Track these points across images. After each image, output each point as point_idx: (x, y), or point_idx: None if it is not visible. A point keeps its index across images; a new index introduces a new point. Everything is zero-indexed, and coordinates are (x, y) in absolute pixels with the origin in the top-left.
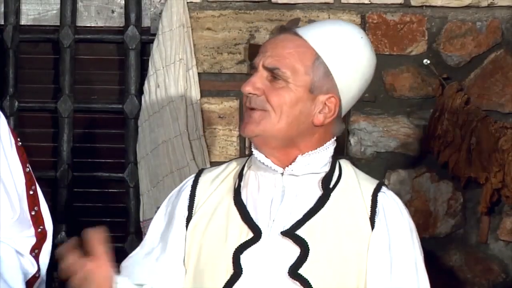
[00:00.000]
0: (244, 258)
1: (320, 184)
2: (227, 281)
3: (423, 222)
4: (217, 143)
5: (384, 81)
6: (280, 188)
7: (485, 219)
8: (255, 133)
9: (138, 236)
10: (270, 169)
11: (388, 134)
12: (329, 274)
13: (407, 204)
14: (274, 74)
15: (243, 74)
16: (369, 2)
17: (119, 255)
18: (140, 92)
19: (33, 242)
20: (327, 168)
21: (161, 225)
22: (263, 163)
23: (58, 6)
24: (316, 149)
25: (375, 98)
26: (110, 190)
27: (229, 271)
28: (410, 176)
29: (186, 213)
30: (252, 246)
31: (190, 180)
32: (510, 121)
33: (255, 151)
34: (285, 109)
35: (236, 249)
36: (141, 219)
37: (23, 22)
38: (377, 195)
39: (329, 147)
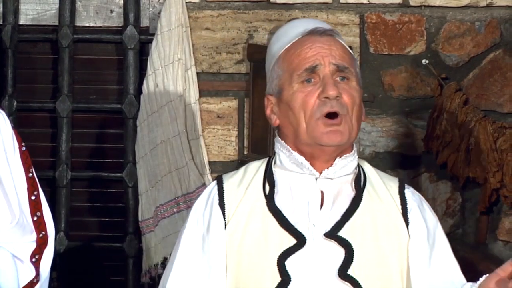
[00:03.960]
0: (289, 264)
1: (353, 185)
2: None
3: None
4: (215, 143)
5: (382, 81)
6: (316, 192)
7: (483, 219)
8: (343, 141)
9: (137, 236)
10: (305, 173)
11: (387, 134)
12: (374, 272)
13: None
14: (343, 74)
15: (241, 74)
16: (368, 2)
17: (118, 255)
18: (139, 92)
19: (33, 248)
20: (356, 170)
21: (198, 238)
22: (305, 167)
23: (57, 6)
24: (352, 151)
25: (373, 98)
26: (108, 190)
27: (276, 279)
28: (409, 176)
29: (223, 222)
30: (296, 252)
31: (214, 189)
32: (508, 121)
33: (295, 154)
34: (355, 109)
35: (279, 256)
36: (139, 219)
37: (21, 22)
38: (404, 193)
39: (355, 148)
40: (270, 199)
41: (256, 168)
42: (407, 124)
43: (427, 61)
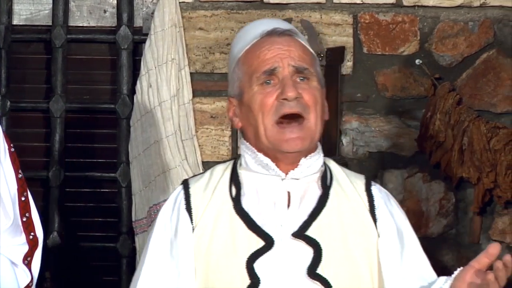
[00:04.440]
0: (258, 266)
1: (320, 184)
2: None
3: (415, 222)
4: (209, 143)
5: (376, 81)
6: (282, 192)
7: (477, 219)
8: (304, 147)
9: (130, 236)
10: (271, 174)
11: (380, 134)
12: (343, 271)
13: (399, 204)
14: (303, 75)
15: None
16: (361, 2)
17: (111, 255)
18: (132, 92)
19: (26, 250)
20: (322, 168)
21: (165, 243)
22: (270, 168)
23: (50, 6)
24: (316, 150)
25: (367, 98)
26: (102, 190)
27: (245, 281)
28: (402, 176)
29: (190, 226)
30: (265, 254)
31: (180, 193)
32: (502, 121)
33: (260, 155)
34: (318, 109)
35: (248, 258)
36: (133, 219)
37: (15, 22)
38: (370, 190)
39: (320, 146)
40: (236, 201)
41: (222, 170)
42: (401, 124)
43: (420, 61)
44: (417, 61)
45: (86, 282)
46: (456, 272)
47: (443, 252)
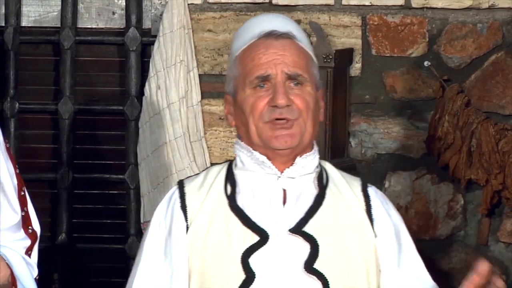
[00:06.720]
0: (253, 261)
1: (316, 183)
2: (239, 287)
3: (424, 224)
4: (217, 144)
5: (384, 83)
6: (278, 190)
7: (485, 221)
8: (293, 144)
9: (139, 237)
10: (266, 172)
11: (389, 136)
12: (340, 267)
13: (408, 206)
14: (296, 81)
15: None
16: (370, 4)
17: (119, 256)
18: (140, 93)
19: (28, 244)
20: (318, 169)
21: (160, 242)
22: (266, 166)
23: (59, 7)
24: (312, 150)
25: (375, 100)
26: (110, 192)
27: (240, 276)
28: (411, 178)
29: (185, 225)
30: (260, 249)
31: (175, 192)
32: (510, 123)
33: (256, 154)
34: (309, 113)
35: (243, 253)
36: (141, 221)
37: (23, 23)
38: (367, 191)
39: (316, 147)
40: (232, 199)
41: (217, 171)
42: (409, 126)
43: (429, 63)
44: (426, 63)
45: (94, 284)
46: None
47: (451, 254)
